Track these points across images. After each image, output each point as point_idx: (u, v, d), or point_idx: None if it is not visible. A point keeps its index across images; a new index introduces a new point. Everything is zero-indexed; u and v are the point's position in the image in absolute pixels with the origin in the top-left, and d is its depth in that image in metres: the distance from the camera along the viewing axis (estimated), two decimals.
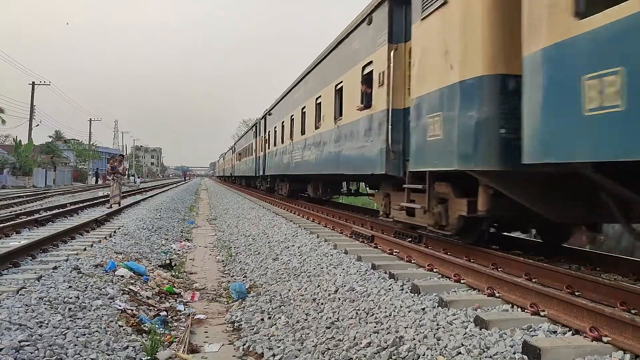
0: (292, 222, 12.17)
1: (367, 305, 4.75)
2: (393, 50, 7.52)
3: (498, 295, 4.68)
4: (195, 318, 5.27)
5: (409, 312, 4.41)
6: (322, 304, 5.07)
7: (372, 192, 13.19)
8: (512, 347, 3.43)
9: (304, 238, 9.29)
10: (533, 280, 5.04)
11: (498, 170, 5.00)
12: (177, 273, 7.49)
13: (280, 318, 4.82)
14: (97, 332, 4.12)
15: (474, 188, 5.74)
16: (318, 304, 5.11)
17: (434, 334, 3.81)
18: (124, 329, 4.45)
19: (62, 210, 13.89)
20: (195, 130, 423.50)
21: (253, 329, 4.67)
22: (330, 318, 4.59)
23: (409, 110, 6.87)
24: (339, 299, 5.11)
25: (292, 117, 16.68)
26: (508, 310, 4.34)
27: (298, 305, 5.17)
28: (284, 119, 18.28)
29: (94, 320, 4.36)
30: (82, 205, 15.82)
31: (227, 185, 50.32)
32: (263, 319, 4.92)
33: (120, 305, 5.02)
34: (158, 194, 27.20)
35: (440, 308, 4.44)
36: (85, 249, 7.76)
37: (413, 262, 6.51)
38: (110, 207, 15.61)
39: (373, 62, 8.45)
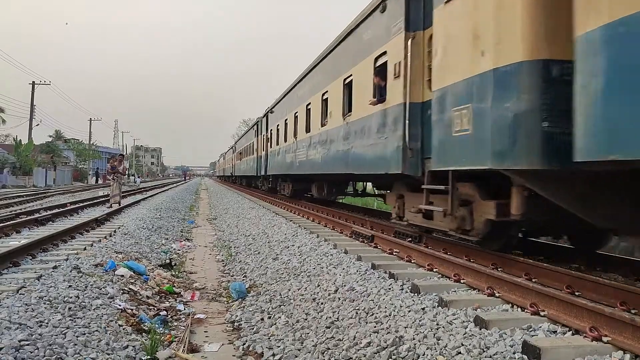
0: (292, 221, 12.17)
1: (367, 305, 4.76)
2: (410, 39, 6.97)
3: (498, 295, 4.69)
4: (195, 317, 5.27)
5: (409, 311, 4.42)
6: (322, 304, 5.08)
7: (380, 192, 12.64)
8: (512, 346, 3.44)
9: (304, 238, 9.30)
10: (533, 280, 5.04)
11: (539, 170, 4.40)
12: (177, 272, 7.49)
13: (280, 318, 4.82)
14: (97, 331, 4.12)
15: (503, 189, 5.27)
16: (318, 304, 5.11)
17: (434, 334, 3.81)
18: (124, 329, 4.45)
19: (62, 210, 13.92)
20: (195, 130, 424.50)
21: (253, 329, 4.67)
22: (330, 318, 4.60)
23: (429, 104, 6.40)
24: (339, 299, 5.11)
25: (295, 114, 16.10)
26: (508, 310, 4.34)
27: (298, 305, 5.17)
28: (287, 117, 17.72)
29: (94, 320, 4.36)
30: (82, 205, 15.83)
31: (227, 185, 50.31)
32: (263, 319, 4.92)
33: (120, 305, 5.02)
34: (158, 194, 27.20)
35: (440, 308, 4.44)
36: (85, 249, 7.77)
37: (413, 261, 6.51)
38: (110, 206, 15.61)
39: (387, 52, 7.95)
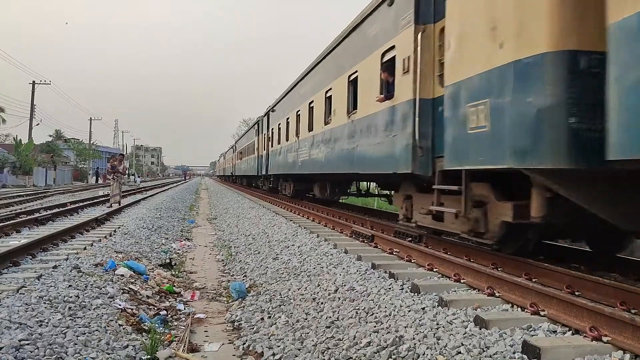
0: (292, 221, 12.17)
1: (367, 305, 4.76)
2: (420, 32, 6.66)
3: (498, 295, 4.69)
4: (195, 317, 5.27)
5: (409, 311, 4.42)
6: (322, 304, 5.08)
7: (384, 192, 12.53)
8: (511, 346, 3.44)
9: (304, 237, 9.30)
10: (533, 280, 5.03)
11: (565, 169, 4.10)
12: (177, 272, 7.49)
13: (280, 317, 4.82)
14: (97, 331, 4.12)
15: (521, 189, 5.02)
16: (318, 304, 5.11)
17: (434, 334, 3.81)
18: (124, 328, 4.45)
19: (62, 210, 13.91)
20: (195, 130, 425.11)
21: (253, 328, 4.67)
22: (330, 317, 4.60)
23: (440, 100, 6.13)
24: (339, 299, 5.11)
25: (298, 112, 15.81)
26: (508, 310, 4.34)
27: (298, 305, 5.17)
28: (289, 115, 17.42)
29: (94, 319, 4.36)
30: (82, 205, 15.82)
31: (227, 185, 50.32)
32: (263, 318, 4.92)
33: (120, 305, 5.02)
34: (158, 193, 27.21)
35: (440, 307, 4.44)
36: (85, 248, 7.77)
37: (413, 261, 6.51)
38: (111, 206, 15.62)
39: (395, 47, 7.61)
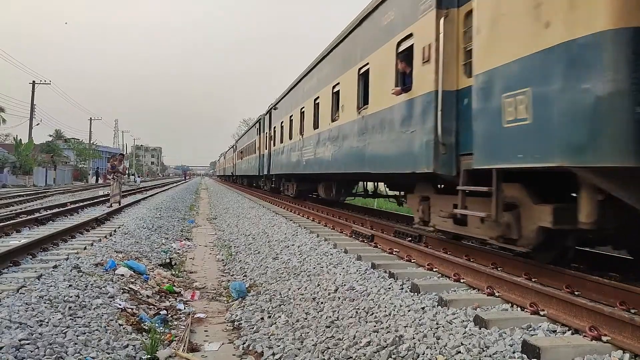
0: (292, 221, 12.17)
1: (366, 305, 4.76)
2: (443, 17, 6.04)
3: (498, 295, 4.69)
4: (195, 317, 5.28)
5: (409, 311, 4.42)
6: (321, 303, 5.08)
7: (393, 193, 12.16)
8: (511, 346, 3.44)
9: (304, 237, 9.30)
10: (533, 280, 5.04)
11: (628, 167, 3.51)
12: (177, 272, 7.50)
13: (280, 317, 4.83)
14: (97, 330, 4.13)
15: (560, 191, 4.65)
16: (318, 303, 5.12)
17: (434, 333, 3.82)
18: (124, 328, 4.46)
19: (62, 209, 13.91)
20: (195, 130, 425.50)
21: (253, 328, 4.68)
22: (330, 317, 4.60)
23: (466, 92, 5.72)
24: (339, 298, 5.11)
25: (302, 110, 15.05)
26: (507, 310, 4.35)
27: (298, 304, 5.18)
28: (292, 113, 16.67)
29: (94, 319, 4.37)
30: (82, 205, 15.82)
31: (227, 185, 50.32)
32: (263, 318, 4.93)
33: (121, 304, 5.03)
34: (158, 193, 27.20)
35: (440, 307, 4.44)
36: (86, 248, 7.77)
37: (413, 261, 6.51)
38: (111, 206, 15.62)
39: (414, 34, 6.98)
